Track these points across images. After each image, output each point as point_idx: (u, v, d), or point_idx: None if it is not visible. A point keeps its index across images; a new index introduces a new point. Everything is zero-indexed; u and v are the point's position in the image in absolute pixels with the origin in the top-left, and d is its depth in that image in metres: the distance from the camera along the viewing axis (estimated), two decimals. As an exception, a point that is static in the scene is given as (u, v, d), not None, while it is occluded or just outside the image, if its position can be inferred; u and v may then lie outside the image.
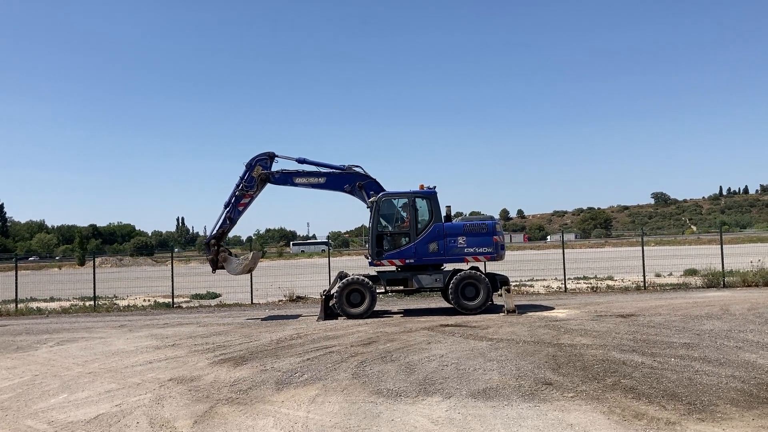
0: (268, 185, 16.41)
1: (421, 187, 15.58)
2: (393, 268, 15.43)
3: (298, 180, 16.19)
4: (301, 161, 16.23)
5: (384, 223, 15.53)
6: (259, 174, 15.97)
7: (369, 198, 15.69)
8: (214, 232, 16.34)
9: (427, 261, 15.15)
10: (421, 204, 15.33)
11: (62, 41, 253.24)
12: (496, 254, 15.10)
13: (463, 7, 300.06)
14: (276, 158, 16.24)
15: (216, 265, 16.45)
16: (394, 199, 15.56)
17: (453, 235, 15.04)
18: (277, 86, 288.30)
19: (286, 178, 16.21)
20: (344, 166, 16.14)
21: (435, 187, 15.63)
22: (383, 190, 15.83)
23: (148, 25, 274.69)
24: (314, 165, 16.24)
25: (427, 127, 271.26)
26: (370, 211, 15.49)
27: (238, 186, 16.12)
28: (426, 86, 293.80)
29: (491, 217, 15.66)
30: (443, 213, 15.41)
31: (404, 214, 15.44)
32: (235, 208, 16.22)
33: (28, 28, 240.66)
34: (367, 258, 15.64)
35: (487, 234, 15.05)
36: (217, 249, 16.27)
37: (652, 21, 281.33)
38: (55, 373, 9.56)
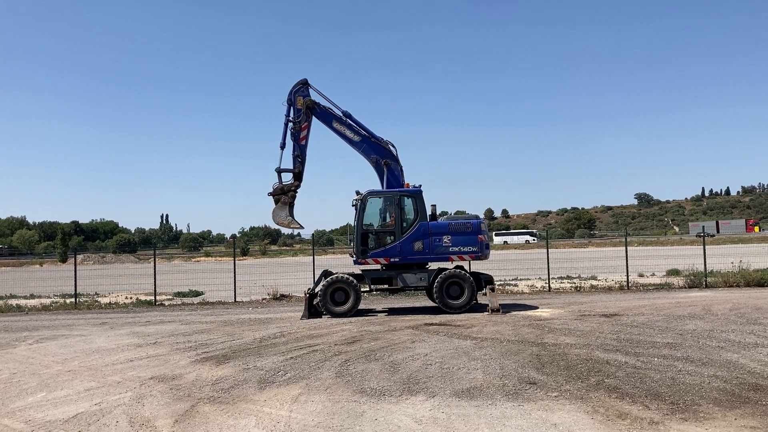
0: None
1: (407, 185, 15.54)
2: (378, 266, 15.38)
3: (336, 125, 15.99)
4: (346, 115, 16.05)
5: (369, 221, 15.48)
6: (304, 103, 15.82)
7: (385, 180, 15.76)
8: (281, 165, 15.90)
9: (412, 260, 15.10)
10: (407, 203, 15.28)
11: (45, 35, 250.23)
12: (481, 253, 15.09)
13: (451, 7, 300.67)
14: (309, 86, 16.03)
15: (277, 194, 15.93)
16: (380, 197, 15.50)
17: (438, 234, 15.01)
18: (265, 82, 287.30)
19: (328, 117, 16.01)
20: (381, 138, 16.10)
21: (420, 185, 15.61)
22: (402, 179, 15.88)
23: (132, 19, 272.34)
24: (356, 124, 16.09)
25: (411, 126, 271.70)
26: (355, 210, 15.42)
27: (286, 125, 15.91)
28: (411, 85, 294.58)
29: (476, 216, 15.66)
30: (428, 212, 15.38)
31: (389, 213, 15.39)
32: (298, 144, 15.93)
33: (12, 21, 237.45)
34: (352, 256, 15.56)
35: (473, 233, 15.05)
36: (292, 191, 15.90)
37: (635, 23, 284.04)
38: (34, 371, 9.40)
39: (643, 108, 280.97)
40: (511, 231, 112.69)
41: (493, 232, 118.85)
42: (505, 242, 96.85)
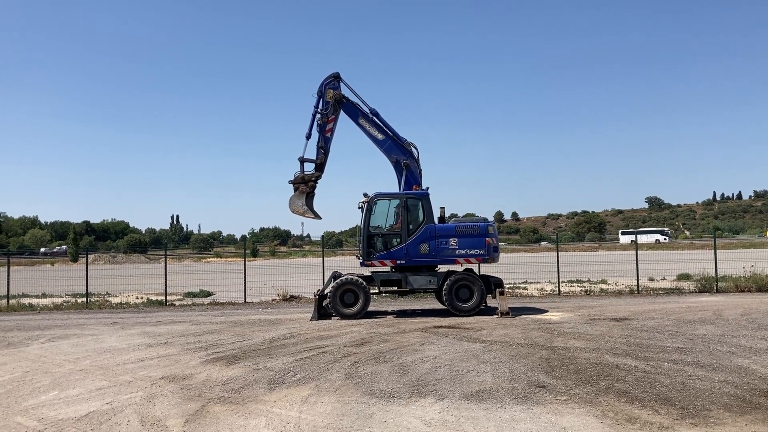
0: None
1: (415, 188, 15.56)
2: (387, 268, 15.39)
3: (362, 121, 16.19)
4: (373, 113, 16.20)
5: (376, 223, 15.48)
6: (333, 96, 16.03)
7: (403, 180, 15.87)
8: (305, 155, 16.11)
9: (417, 262, 15.09)
10: (414, 205, 15.29)
11: (57, 34, 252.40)
12: (488, 256, 15.03)
13: (462, 8, 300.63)
14: (340, 80, 16.25)
15: (297, 183, 16.15)
16: (387, 199, 15.50)
17: (444, 236, 14.98)
18: (274, 83, 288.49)
19: (355, 112, 16.21)
20: (405, 139, 16.23)
21: (428, 188, 15.64)
22: (420, 181, 15.94)
23: (144, 20, 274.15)
24: (382, 123, 16.24)
25: (422, 128, 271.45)
26: (362, 212, 15.43)
27: (314, 116, 16.09)
28: (422, 87, 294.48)
29: (484, 219, 15.65)
30: (437, 214, 15.38)
31: (397, 215, 15.39)
32: (323, 135, 16.16)
33: (23, 22, 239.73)
34: (359, 258, 15.59)
35: (479, 236, 15.00)
36: (312, 181, 16.13)
37: (648, 27, 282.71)
38: (46, 370, 9.50)
39: (654, 111, 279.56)
40: (640, 229, 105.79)
41: (620, 231, 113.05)
42: (632, 241, 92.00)
